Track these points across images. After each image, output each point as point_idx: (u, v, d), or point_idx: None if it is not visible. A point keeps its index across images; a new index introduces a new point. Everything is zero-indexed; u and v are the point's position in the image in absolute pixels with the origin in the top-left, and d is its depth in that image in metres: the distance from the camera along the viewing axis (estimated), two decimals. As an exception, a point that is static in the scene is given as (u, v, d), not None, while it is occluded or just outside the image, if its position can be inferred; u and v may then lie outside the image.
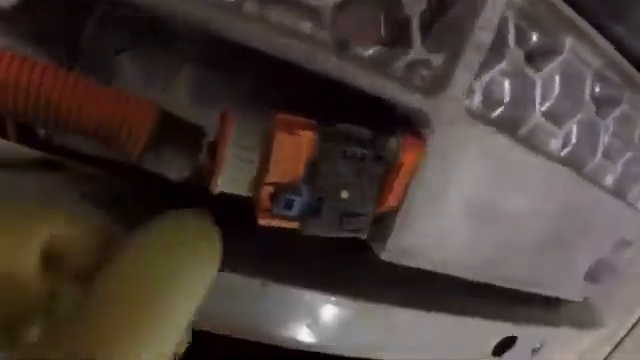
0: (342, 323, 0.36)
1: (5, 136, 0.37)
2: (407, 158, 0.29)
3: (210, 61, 0.33)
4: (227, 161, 0.28)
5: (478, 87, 0.32)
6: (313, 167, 0.28)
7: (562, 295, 0.44)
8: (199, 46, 0.32)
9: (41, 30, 0.30)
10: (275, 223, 0.29)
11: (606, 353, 0.56)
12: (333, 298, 0.34)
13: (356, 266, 0.37)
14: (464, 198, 0.32)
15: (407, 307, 0.37)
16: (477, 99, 0.32)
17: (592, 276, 0.45)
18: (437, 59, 0.30)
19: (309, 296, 0.33)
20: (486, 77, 0.32)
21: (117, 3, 0.27)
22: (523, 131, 0.34)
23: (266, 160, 0.28)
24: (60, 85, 0.24)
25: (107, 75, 0.33)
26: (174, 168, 0.29)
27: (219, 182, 0.28)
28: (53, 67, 0.24)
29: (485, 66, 0.31)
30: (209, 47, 0.32)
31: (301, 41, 0.26)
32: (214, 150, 0.28)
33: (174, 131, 0.28)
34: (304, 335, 0.35)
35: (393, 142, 0.29)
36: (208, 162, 0.29)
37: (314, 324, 0.34)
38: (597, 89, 0.39)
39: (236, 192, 0.29)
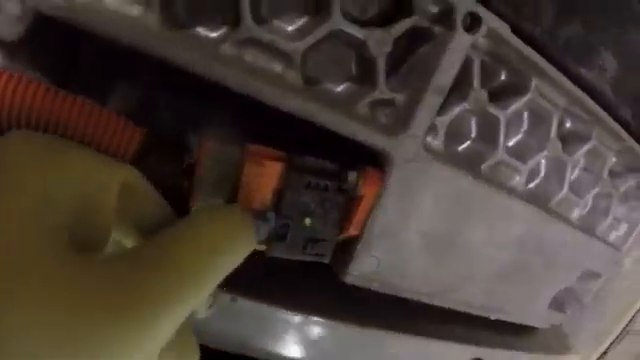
0: (309, 340, 0.38)
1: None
2: (367, 191, 0.31)
3: (191, 91, 0.35)
4: (201, 186, 0.30)
5: (441, 125, 0.33)
6: (280, 195, 0.30)
7: (526, 322, 0.46)
8: (181, 77, 0.35)
9: (39, 56, 0.33)
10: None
11: (577, 379, 0.57)
12: (300, 316, 0.36)
13: (325, 286, 0.39)
14: (421, 230, 0.34)
15: (375, 328, 0.39)
16: (439, 137, 0.34)
17: (558, 305, 0.46)
18: (400, 98, 0.32)
19: (277, 313, 0.35)
20: (449, 116, 0.34)
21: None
22: (485, 167, 0.35)
23: (236, 188, 0.30)
24: (51, 103, 0.25)
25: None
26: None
27: (195, 203, 0.30)
28: (46, 87, 0.25)
29: (448, 105, 0.33)
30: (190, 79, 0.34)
31: (271, 81, 0.29)
32: (191, 172, 0.31)
33: (156, 152, 0.30)
34: (271, 347, 0.37)
35: (353, 176, 0.31)
36: (187, 182, 0.31)
37: (281, 339, 0.36)
38: (567, 125, 0.40)
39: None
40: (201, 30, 0.27)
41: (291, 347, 0.38)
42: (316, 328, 0.37)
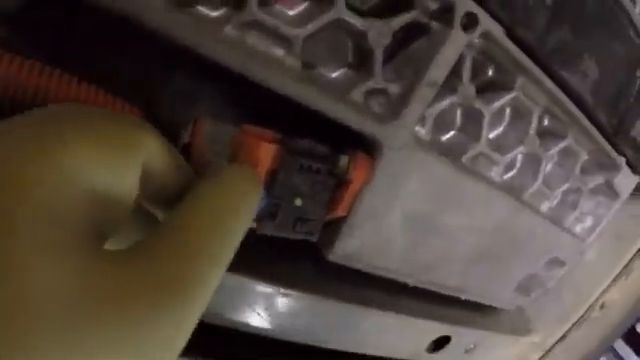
0: (289, 314, 0.39)
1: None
2: (357, 175, 0.33)
3: (186, 70, 0.36)
4: (195, 164, 0.31)
5: (429, 116, 0.35)
6: (273, 176, 0.32)
7: (493, 303, 0.49)
8: (176, 57, 0.35)
9: (35, 28, 0.33)
10: (234, 222, 0.32)
11: (537, 358, 0.61)
12: (282, 290, 0.38)
13: (307, 263, 0.41)
14: (405, 213, 0.36)
15: (351, 303, 0.41)
16: (427, 126, 0.35)
17: (523, 289, 0.49)
18: (394, 89, 0.33)
19: (260, 287, 0.37)
20: (437, 108, 0.35)
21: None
22: (466, 158, 0.37)
23: (232, 165, 0.31)
24: (55, 84, 0.25)
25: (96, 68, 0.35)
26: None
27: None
28: (50, 68, 0.25)
29: (438, 98, 0.35)
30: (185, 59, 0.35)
31: (271, 65, 0.30)
32: (186, 152, 0.32)
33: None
34: (255, 321, 0.38)
35: (344, 160, 0.32)
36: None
37: (264, 312, 0.38)
38: (545, 122, 0.43)
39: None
40: (203, 9, 0.28)
41: (269, 320, 0.39)
42: (293, 301, 0.39)
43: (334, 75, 0.33)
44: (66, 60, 0.35)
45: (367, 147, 0.34)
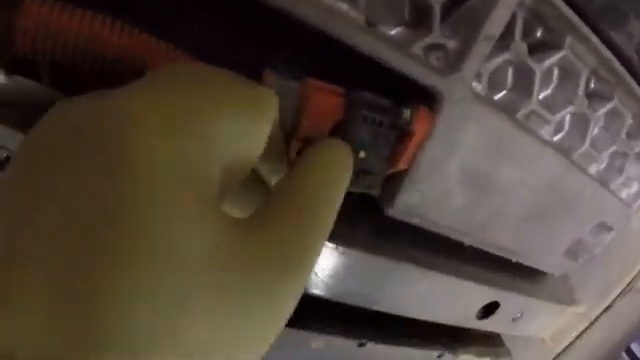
0: (345, 273, 0.40)
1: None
2: (418, 128, 0.34)
3: (254, 26, 0.37)
4: None
5: (484, 72, 0.36)
6: (337, 128, 0.33)
7: (542, 267, 0.49)
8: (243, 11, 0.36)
9: None
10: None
11: (582, 328, 0.61)
12: (340, 248, 0.38)
13: (363, 221, 0.41)
14: (463, 167, 0.37)
15: (403, 262, 0.42)
16: (483, 83, 0.36)
17: (572, 254, 0.50)
18: (452, 44, 0.34)
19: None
20: (492, 64, 0.36)
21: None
22: (520, 115, 0.38)
23: (297, 119, 0.32)
24: (109, 34, 0.26)
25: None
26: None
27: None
28: (102, 17, 0.27)
29: (492, 54, 0.36)
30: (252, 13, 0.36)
31: (337, 18, 0.31)
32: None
33: None
34: (310, 281, 0.39)
35: (407, 113, 0.33)
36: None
37: (320, 272, 0.39)
38: (592, 84, 0.43)
39: (271, 144, 0.33)
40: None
41: (325, 280, 0.40)
42: (350, 260, 0.40)
43: (392, 32, 0.34)
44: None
45: (426, 100, 0.35)
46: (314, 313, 0.44)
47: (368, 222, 0.41)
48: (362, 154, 0.34)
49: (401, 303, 0.45)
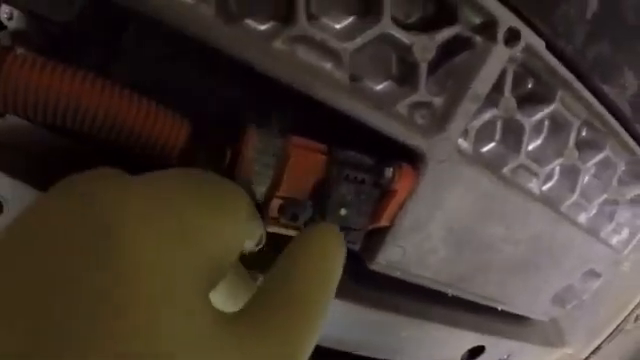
0: (327, 319, 0.40)
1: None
2: (401, 186, 0.34)
3: (240, 79, 0.37)
4: (244, 175, 0.32)
5: (471, 129, 0.36)
6: (319, 186, 0.33)
7: (529, 314, 0.49)
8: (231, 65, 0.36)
9: (87, 38, 0.34)
10: (281, 231, 0.33)
11: (570, 371, 0.61)
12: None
13: (345, 270, 0.41)
14: (447, 224, 0.36)
15: (388, 311, 0.42)
16: (469, 139, 0.36)
17: (559, 300, 0.49)
18: (438, 102, 0.34)
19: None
20: (479, 120, 0.36)
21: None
22: (507, 169, 0.38)
23: (279, 177, 0.32)
24: (97, 94, 0.26)
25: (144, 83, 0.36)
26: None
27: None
28: (91, 75, 0.26)
29: (480, 110, 0.35)
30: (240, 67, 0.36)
31: (320, 79, 0.30)
32: (234, 161, 0.33)
33: (202, 145, 0.32)
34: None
35: (389, 172, 0.33)
36: (229, 171, 0.33)
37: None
38: (583, 134, 0.43)
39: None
40: (252, 22, 0.28)
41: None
42: (334, 308, 0.40)
43: (379, 88, 0.34)
44: (113, 73, 0.36)
45: (410, 159, 0.34)
46: None
47: (349, 269, 0.41)
48: (343, 212, 0.34)
49: (386, 349, 0.45)
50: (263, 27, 0.29)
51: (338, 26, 0.31)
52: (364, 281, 0.41)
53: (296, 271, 0.23)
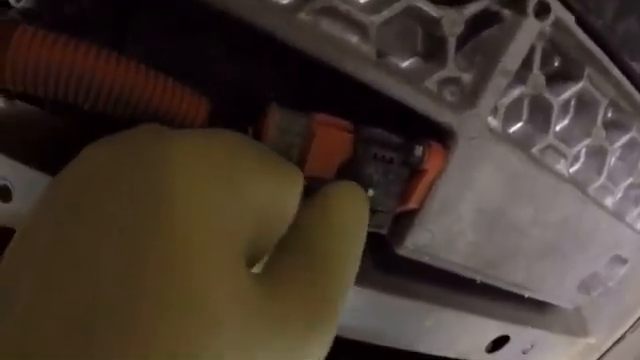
0: (349, 308, 0.39)
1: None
2: (431, 166, 0.32)
3: (259, 55, 0.35)
4: None
5: (500, 106, 0.35)
6: (346, 166, 0.31)
7: (555, 302, 0.48)
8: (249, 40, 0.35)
9: (88, 15, 0.33)
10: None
11: (593, 360, 0.60)
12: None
13: (367, 256, 0.40)
14: (476, 205, 0.35)
15: (409, 298, 0.40)
16: (498, 117, 0.35)
17: (585, 287, 0.48)
18: (467, 78, 0.33)
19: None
20: (508, 97, 0.35)
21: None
22: (536, 149, 0.37)
23: (304, 156, 0.31)
24: (113, 68, 0.24)
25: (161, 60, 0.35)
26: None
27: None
28: (105, 50, 0.25)
29: (509, 87, 0.34)
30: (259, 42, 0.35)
31: (346, 52, 0.29)
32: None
33: (221, 124, 0.30)
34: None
35: (419, 150, 0.32)
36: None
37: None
38: (609, 115, 0.42)
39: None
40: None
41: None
42: (352, 296, 0.39)
43: (405, 64, 0.33)
44: (128, 51, 0.35)
45: (440, 137, 0.33)
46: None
47: (373, 256, 0.40)
48: (371, 192, 0.32)
49: (407, 339, 0.43)
50: (287, 1, 0.28)
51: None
52: (387, 268, 0.40)
53: (322, 228, 0.23)
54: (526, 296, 0.44)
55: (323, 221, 0.23)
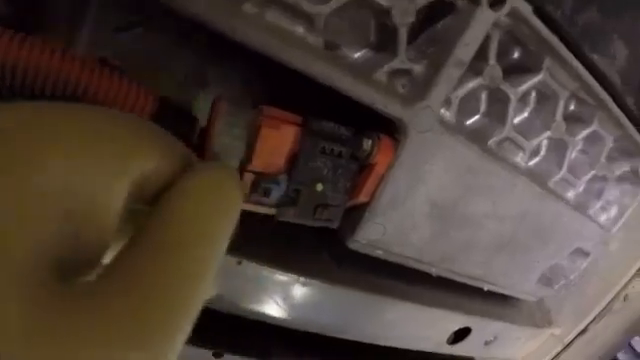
0: (308, 303, 0.38)
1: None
2: (380, 159, 0.32)
3: (208, 47, 0.34)
4: (214, 148, 0.30)
5: (454, 98, 0.34)
6: (293, 160, 0.31)
7: (516, 294, 0.48)
8: (198, 32, 0.34)
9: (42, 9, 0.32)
10: (253, 208, 0.31)
11: (556, 352, 0.60)
12: (301, 279, 0.36)
13: (325, 251, 0.39)
14: (429, 199, 0.35)
15: (372, 293, 0.40)
16: (452, 110, 0.34)
17: (547, 280, 0.48)
18: (418, 69, 0.32)
19: (279, 276, 0.36)
20: (463, 89, 0.34)
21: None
22: (492, 142, 0.36)
23: (251, 150, 0.30)
24: (58, 63, 0.23)
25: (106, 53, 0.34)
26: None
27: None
28: (53, 45, 0.23)
29: (464, 79, 0.34)
30: (208, 34, 0.34)
31: (293, 43, 0.28)
32: (204, 136, 0.30)
33: (170, 117, 0.30)
34: (273, 311, 0.37)
35: (368, 143, 0.31)
36: (199, 144, 0.31)
37: (283, 302, 0.37)
38: (571, 107, 0.41)
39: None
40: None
41: (287, 310, 0.38)
42: (312, 290, 0.38)
43: (356, 55, 0.32)
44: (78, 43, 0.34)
45: (390, 130, 0.32)
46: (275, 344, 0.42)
47: (330, 251, 0.39)
48: (319, 187, 0.32)
49: (370, 332, 0.43)
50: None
51: (311, -11, 0.29)
52: (346, 263, 0.40)
53: (165, 218, 0.18)
54: (485, 289, 0.44)
55: (172, 211, 0.18)
